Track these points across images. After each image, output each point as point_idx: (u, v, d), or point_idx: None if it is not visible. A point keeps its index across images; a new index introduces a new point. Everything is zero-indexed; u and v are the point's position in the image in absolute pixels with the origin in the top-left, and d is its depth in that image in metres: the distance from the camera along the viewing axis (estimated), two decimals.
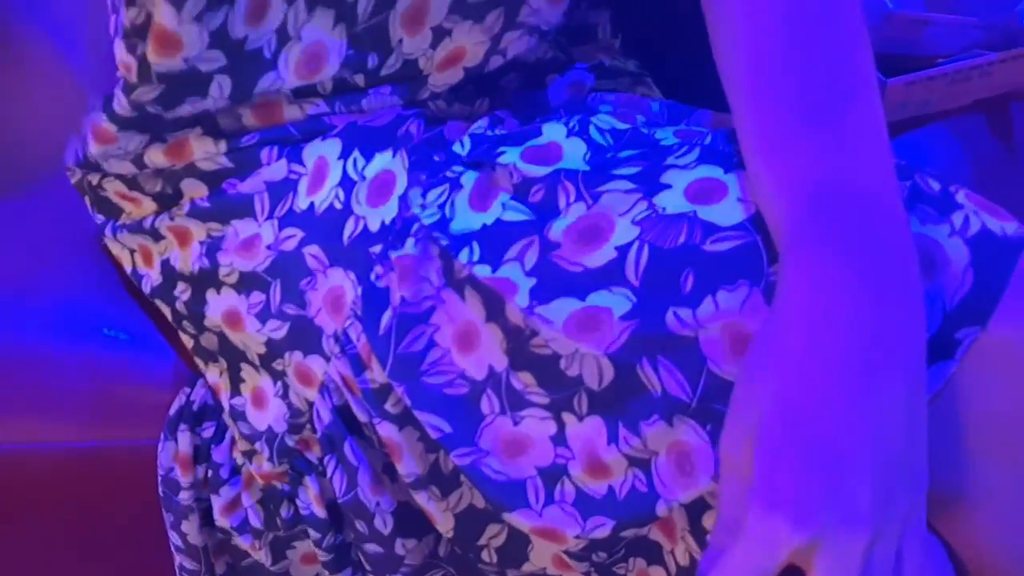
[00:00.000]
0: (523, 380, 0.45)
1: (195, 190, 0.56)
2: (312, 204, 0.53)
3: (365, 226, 0.51)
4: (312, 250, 0.52)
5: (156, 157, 0.55)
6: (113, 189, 0.59)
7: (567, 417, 0.45)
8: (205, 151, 0.55)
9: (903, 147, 0.80)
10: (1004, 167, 0.81)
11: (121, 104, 0.53)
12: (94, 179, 0.59)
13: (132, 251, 0.60)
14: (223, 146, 0.55)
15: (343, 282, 0.51)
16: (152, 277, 0.59)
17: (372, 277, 0.50)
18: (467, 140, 0.52)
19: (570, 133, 0.50)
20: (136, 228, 0.59)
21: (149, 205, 0.58)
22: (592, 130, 0.50)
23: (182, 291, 0.57)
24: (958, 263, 0.40)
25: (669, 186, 0.46)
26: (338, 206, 0.52)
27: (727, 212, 0.44)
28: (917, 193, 0.43)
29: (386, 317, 0.48)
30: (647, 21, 0.68)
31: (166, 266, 0.58)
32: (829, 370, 0.37)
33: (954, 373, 0.40)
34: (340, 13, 0.51)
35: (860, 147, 0.42)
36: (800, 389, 0.37)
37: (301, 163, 0.54)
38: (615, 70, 0.64)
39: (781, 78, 0.44)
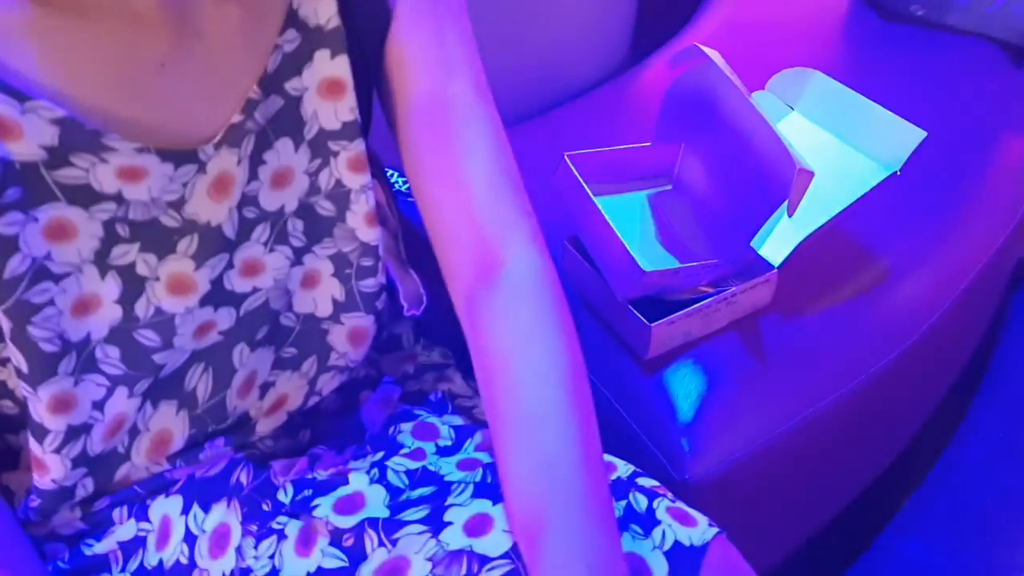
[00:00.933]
0: None
1: (55, 552, 0.64)
2: (161, 560, 0.61)
3: None
4: None
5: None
6: None
7: None
8: (63, 518, 0.63)
9: (675, 378, 0.95)
10: (760, 376, 0.97)
11: None
12: None
13: None
14: (78, 511, 0.63)
15: None
16: None
17: None
18: (290, 487, 0.63)
19: (372, 481, 0.62)
20: None
21: None
22: (390, 474, 0.62)
23: None
24: (660, 573, 0.53)
25: (451, 523, 0.57)
26: (184, 561, 0.61)
27: (496, 543, 0.56)
28: (630, 512, 0.56)
29: None
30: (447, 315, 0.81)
31: None
32: None
33: None
34: (182, 401, 0.61)
35: (585, 489, 0.54)
36: None
37: (148, 520, 0.63)
38: (421, 370, 0.76)
39: (529, 450, 0.56)
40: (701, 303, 0.94)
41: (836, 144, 1.02)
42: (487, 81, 0.65)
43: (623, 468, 0.62)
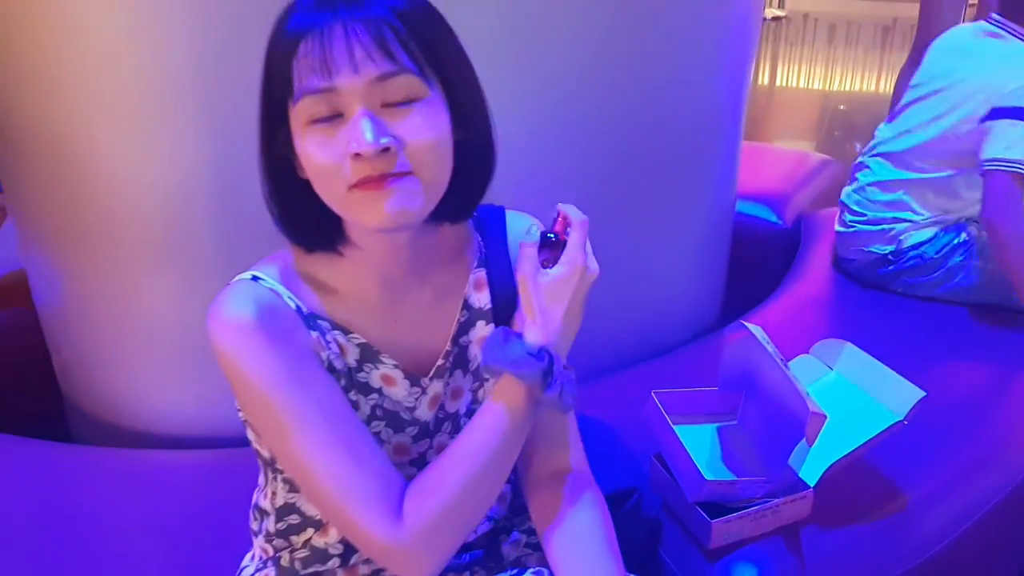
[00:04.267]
0: None
1: None
2: None
3: None
4: None
5: None
6: None
7: None
8: None
9: (732, 568, 1.24)
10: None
11: None
12: None
13: None
14: None
15: None
16: None
17: None
18: None
19: None
20: None
21: None
22: None
23: None
24: None
25: None
26: None
27: None
28: None
29: None
30: None
31: None
32: None
33: None
34: None
35: None
36: None
37: None
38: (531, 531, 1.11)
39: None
40: (750, 508, 1.25)
41: (861, 396, 1.35)
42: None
43: None
